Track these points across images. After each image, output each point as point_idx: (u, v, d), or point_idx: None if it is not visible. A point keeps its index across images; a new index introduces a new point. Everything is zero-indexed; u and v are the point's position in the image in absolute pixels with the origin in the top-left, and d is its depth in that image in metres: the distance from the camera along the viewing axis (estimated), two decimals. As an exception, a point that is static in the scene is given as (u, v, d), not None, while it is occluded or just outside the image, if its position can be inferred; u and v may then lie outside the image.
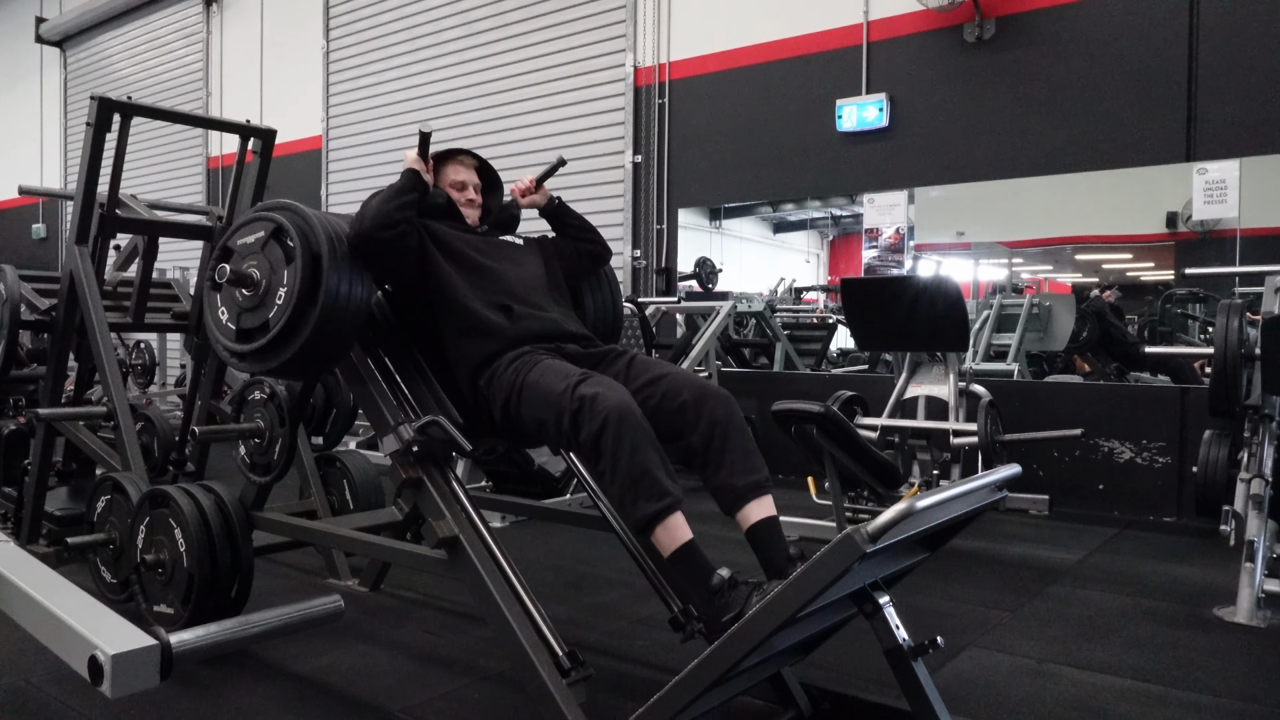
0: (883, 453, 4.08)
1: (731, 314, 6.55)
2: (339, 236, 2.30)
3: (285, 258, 2.27)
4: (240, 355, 2.35)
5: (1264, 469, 3.51)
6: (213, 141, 10.94)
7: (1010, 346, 6.55)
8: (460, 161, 2.69)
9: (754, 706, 2.33)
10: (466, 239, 2.53)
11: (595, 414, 1.98)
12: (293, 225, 2.28)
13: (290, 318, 2.23)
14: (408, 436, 2.25)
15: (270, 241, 2.31)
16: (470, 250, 2.49)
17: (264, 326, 2.29)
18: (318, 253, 2.24)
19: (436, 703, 2.47)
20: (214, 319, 2.42)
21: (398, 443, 2.26)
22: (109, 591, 3.11)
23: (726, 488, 2.07)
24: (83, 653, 1.34)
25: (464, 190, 2.65)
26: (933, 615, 3.27)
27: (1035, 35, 5.68)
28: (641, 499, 1.94)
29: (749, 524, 2.05)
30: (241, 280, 2.31)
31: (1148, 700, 2.55)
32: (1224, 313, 3.78)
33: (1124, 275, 6.98)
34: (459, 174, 2.66)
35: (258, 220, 2.38)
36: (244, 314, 2.34)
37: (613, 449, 1.96)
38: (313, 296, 2.23)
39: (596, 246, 2.76)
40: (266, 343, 2.28)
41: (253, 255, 2.34)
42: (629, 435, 1.96)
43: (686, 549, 1.96)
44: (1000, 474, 1.93)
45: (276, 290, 2.27)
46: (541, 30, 7.94)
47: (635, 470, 1.94)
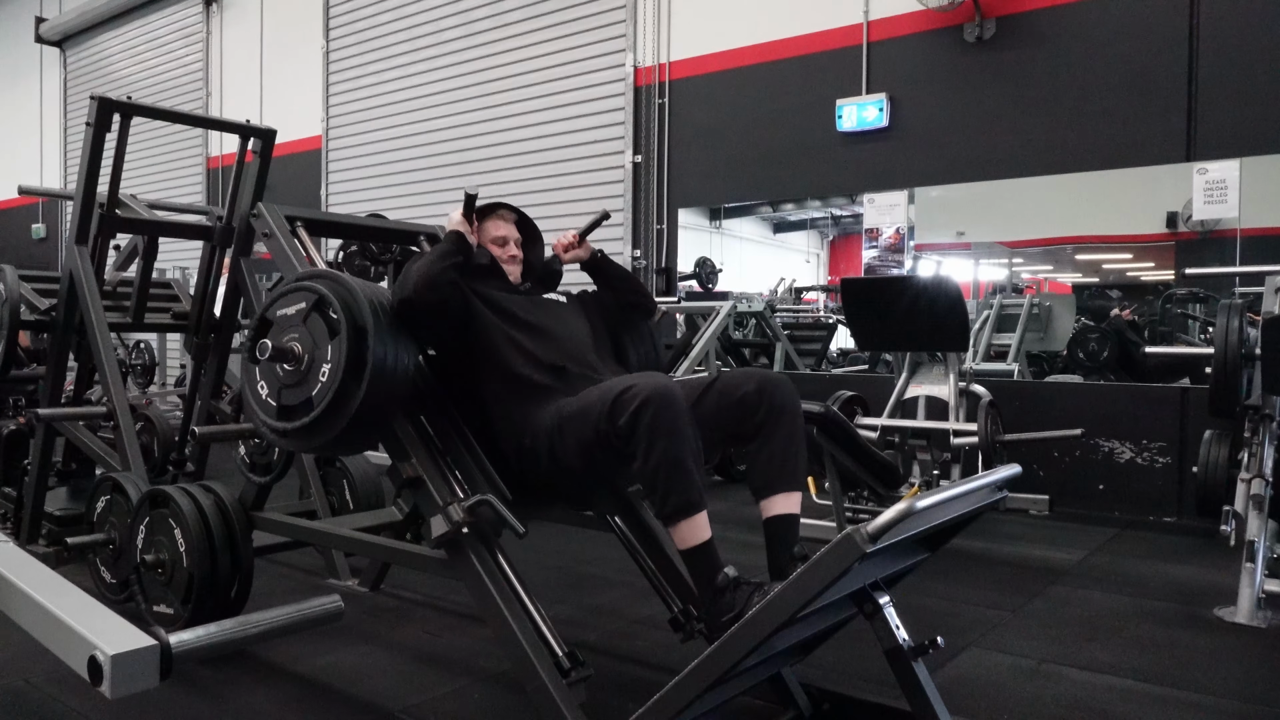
0: (883, 453, 4.08)
1: (731, 314, 6.55)
2: (383, 305, 2.20)
3: (328, 331, 2.17)
4: (283, 433, 2.24)
5: (1264, 469, 3.50)
6: (212, 141, 10.94)
7: (1010, 346, 6.55)
8: (500, 216, 2.62)
9: (754, 706, 2.33)
10: (512, 299, 2.45)
11: (634, 396, 1.97)
12: (335, 296, 2.18)
13: (335, 395, 2.12)
14: (457, 518, 2.14)
15: (312, 314, 2.21)
16: (517, 310, 2.41)
17: (307, 404, 2.18)
18: (362, 326, 2.14)
19: (436, 703, 2.47)
20: (253, 393, 2.30)
21: (446, 524, 2.15)
22: (109, 592, 3.11)
23: (764, 470, 2.09)
24: (82, 653, 1.34)
25: (505, 246, 2.58)
26: (933, 615, 3.27)
27: (1035, 35, 5.68)
28: (675, 489, 1.94)
29: (771, 514, 2.06)
30: (283, 355, 2.20)
31: (1148, 700, 2.55)
32: (1224, 313, 3.78)
33: (1124, 275, 6.98)
34: (499, 229, 2.59)
35: (298, 291, 2.27)
36: (285, 390, 2.22)
37: (649, 429, 1.93)
38: (358, 372, 2.12)
39: (642, 299, 2.70)
40: (311, 421, 2.16)
41: (293, 328, 2.23)
42: (668, 417, 1.94)
43: (705, 547, 1.97)
44: (1000, 474, 1.93)
45: (320, 366, 2.16)
46: (541, 30, 7.93)
47: (672, 457, 1.93)
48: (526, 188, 8.03)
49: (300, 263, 2.78)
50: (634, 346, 2.73)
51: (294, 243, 2.85)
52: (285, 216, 2.92)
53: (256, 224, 2.93)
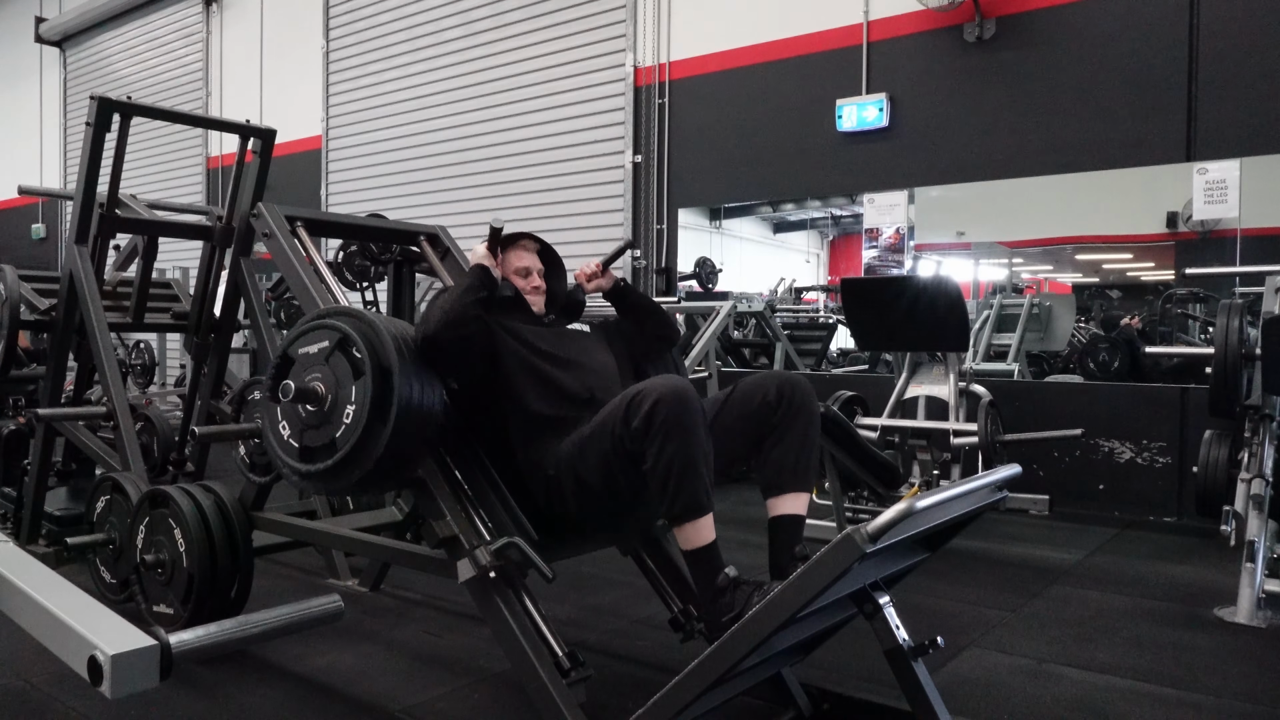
0: (883, 453, 4.07)
1: (731, 314, 6.54)
2: (407, 343, 2.15)
3: (352, 371, 2.11)
4: (305, 475, 2.18)
5: (1264, 469, 3.50)
6: (212, 141, 10.94)
7: (1010, 346, 6.55)
8: (522, 246, 2.57)
9: (754, 706, 2.33)
10: (537, 332, 2.41)
11: (646, 395, 1.96)
12: (359, 335, 2.12)
13: (360, 437, 2.05)
14: (484, 561, 2.09)
15: (335, 352, 2.15)
16: (543, 344, 2.37)
17: (330, 446, 2.11)
18: (387, 365, 2.07)
19: (436, 703, 2.47)
20: (274, 433, 2.24)
21: (473, 569, 2.10)
22: (109, 592, 3.11)
23: (776, 468, 2.09)
24: (82, 653, 1.34)
25: (528, 277, 2.53)
26: (933, 615, 3.27)
27: (1035, 35, 5.68)
28: (685, 490, 1.93)
29: (777, 512, 2.07)
30: (306, 396, 2.14)
31: (1148, 700, 2.55)
32: (1224, 313, 3.78)
33: (1124, 275, 6.98)
34: (522, 260, 2.55)
35: (320, 329, 2.21)
36: (308, 431, 2.16)
37: (662, 427, 1.93)
38: (383, 413, 2.05)
39: (667, 329, 2.67)
40: (335, 464, 2.10)
41: (316, 367, 2.17)
42: (680, 415, 1.93)
43: (709, 549, 1.97)
44: (1000, 474, 1.93)
45: (343, 407, 2.10)
46: (541, 30, 7.93)
47: (685, 457, 1.93)
48: (526, 188, 8.03)
49: (301, 265, 2.78)
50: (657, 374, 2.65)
51: (294, 243, 2.84)
52: (285, 216, 2.92)
53: (256, 224, 2.92)
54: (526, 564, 2.08)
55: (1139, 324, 6.56)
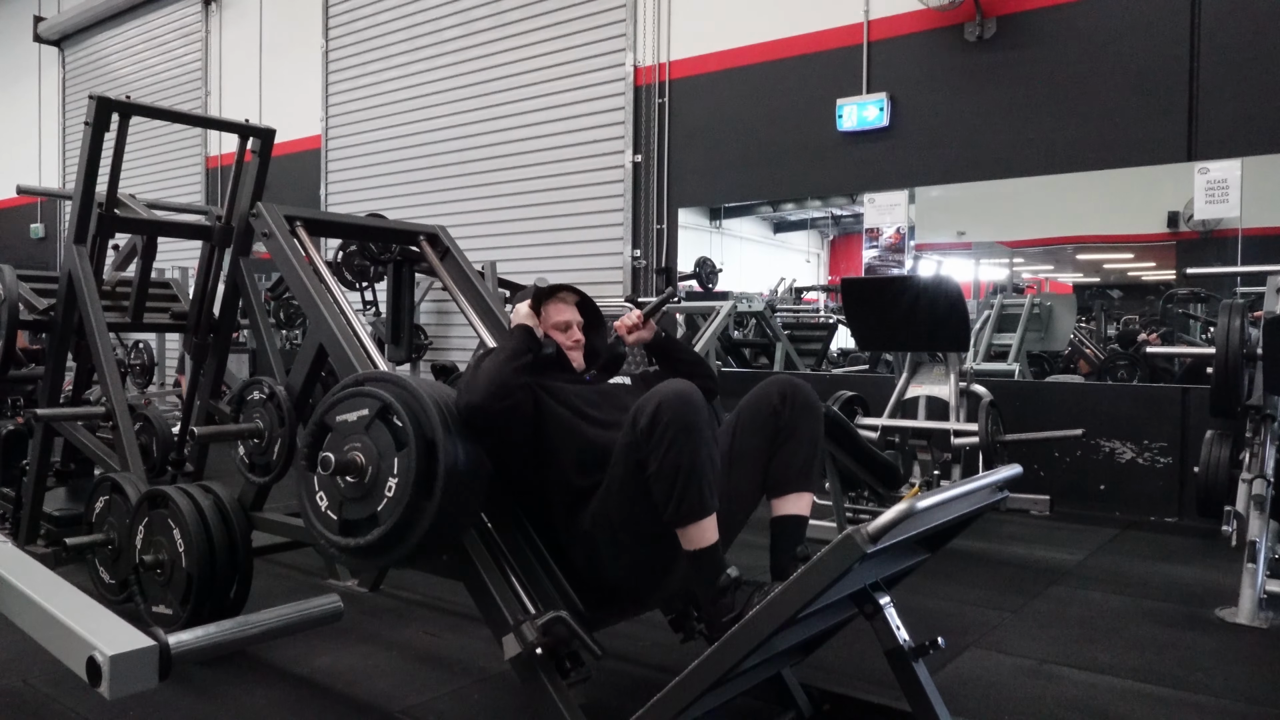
0: (883, 453, 4.07)
1: (731, 314, 6.55)
2: (450, 411, 2.07)
3: (395, 442, 2.03)
4: (346, 549, 2.09)
5: (1266, 469, 3.50)
6: (211, 141, 10.93)
7: (1011, 346, 6.55)
8: (561, 299, 2.50)
9: (754, 707, 2.33)
10: (580, 393, 2.33)
11: (651, 398, 1.96)
12: (401, 404, 2.04)
13: (405, 512, 1.98)
14: (531, 638, 1.99)
15: (375, 421, 2.07)
16: (586, 406, 2.29)
17: (372, 519, 2.04)
18: (432, 438, 2.00)
19: (436, 703, 2.46)
20: (311, 505, 2.16)
21: (519, 645, 2.00)
22: (107, 592, 3.10)
23: (782, 468, 2.10)
24: (81, 654, 1.34)
25: (568, 331, 2.46)
26: (933, 616, 3.26)
27: (1036, 35, 5.68)
28: (689, 493, 1.92)
29: (780, 513, 2.08)
30: (347, 469, 2.06)
31: (1149, 701, 2.54)
32: (1225, 312, 3.77)
33: (1125, 275, 6.98)
34: (561, 314, 2.47)
35: (359, 396, 2.13)
36: (348, 504, 2.08)
37: (668, 431, 1.91)
38: (429, 487, 1.98)
39: (709, 382, 2.58)
40: (378, 539, 2.01)
41: (355, 436, 2.09)
42: (686, 419, 1.92)
43: (711, 550, 1.96)
44: (1001, 474, 1.92)
45: (386, 479, 2.01)
46: (541, 30, 7.93)
47: (688, 460, 1.91)
48: (526, 187, 8.03)
49: (300, 265, 2.78)
50: None
51: (293, 243, 2.84)
52: (285, 216, 2.92)
53: (256, 224, 2.92)
54: (574, 639, 1.99)
55: (1158, 340, 6.48)
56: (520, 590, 2.13)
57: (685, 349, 2.67)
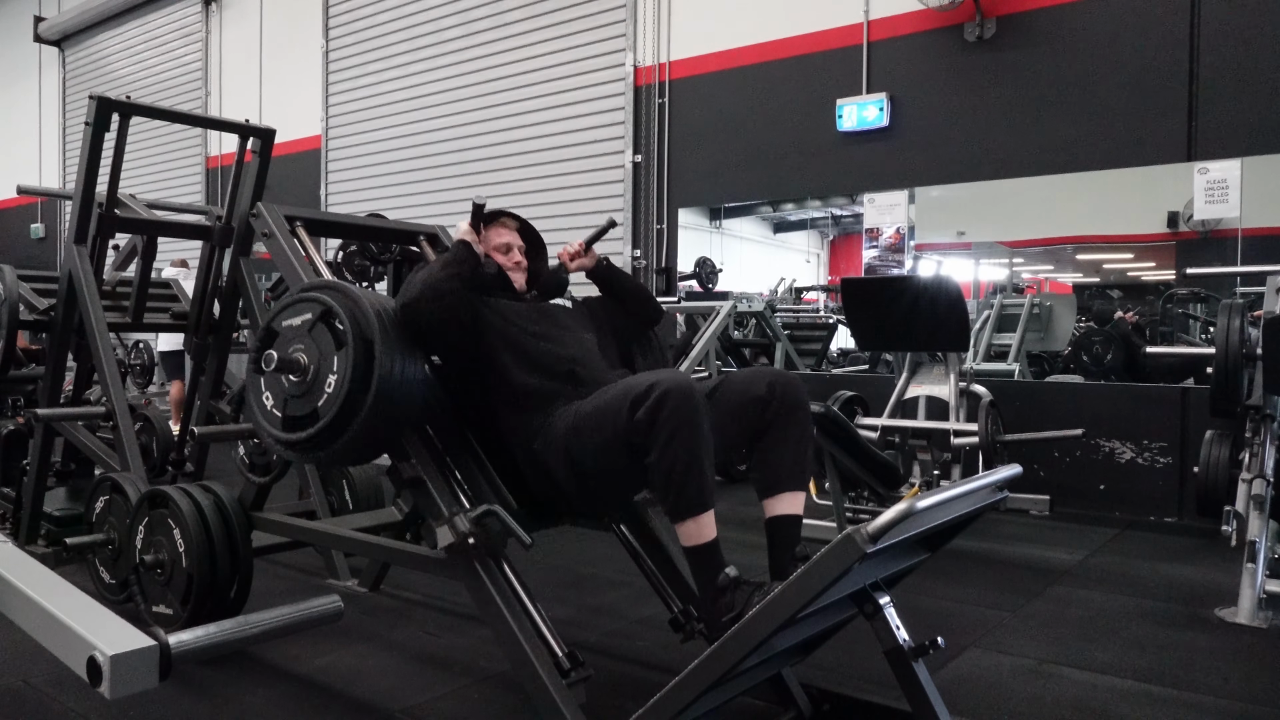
0: (883, 453, 4.07)
1: (731, 314, 6.54)
2: (389, 315, 2.19)
3: (335, 342, 2.15)
4: (288, 444, 2.22)
5: (1265, 469, 3.50)
6: (212, 141, 10.94)
7: (1011, 346, 6.55)
8: (502, 224, 2.60)
9: (754, 707, 2.33)
10: (519, 309, 2.43)
11: (654, 388, 1.96)
12: (342, 308, 2.17)
13: (342, 406, 2.10)
14: (464, 529, 2.12)
15: (318, 324, 2.19)
16: (525, 319, 2.40)
17: (313, 415, 2.16)
18: (369, 337, 2.12)
19: (436, 703, 2.46)
20: (258, 404, 2.29)
21: (452, 535, 2.13)
22: (108, 592, 3.10)
23: (773, 469, 2.09)
24: (81, 653, 1.33)
25: (509, 253, 2.56)
26: (933, 616, 3.26)
27: (1036, 35, 5.68)
28: (689, 488, 1.93)
29: (774, 513, 2.07)
30: (289, 366, 2.19)
31: (1149, 701, 2.55)
32: (1225, 312, 3.77)
33: (1125, 275, 6.98)
34: (502, 236, 2.57)
35: (303, 302, 2.26)
36: (291, 401, 2.21)
37: (669, 421, 1.92)
38: (365, 383, 2.10)
39: (650, 310, 2.69)
40: (316, 432, 2.14)
41: (299, 339, 2.22)
42: (688, 411, 1.93)
43: (710, 546, 1.97)
44: (1001, 474, 1.92)
45: (326, 377, 2.14)
46: (541, 30, 7.93)
47: (688, 455, 1.93)
48: (527, 187, 8.03)
49: (300, 264, 2.77)
50: (642, 355, 2.72)
51: (293, 243, 2.84)
52: (285, 216, 2.91)
53: (256, 224, 2.92)
54: (506, 532, 2.11)
55: (1135, 318, 6.55)
56: (456, 487, 2.25)
57: (627, 277, 2.71)
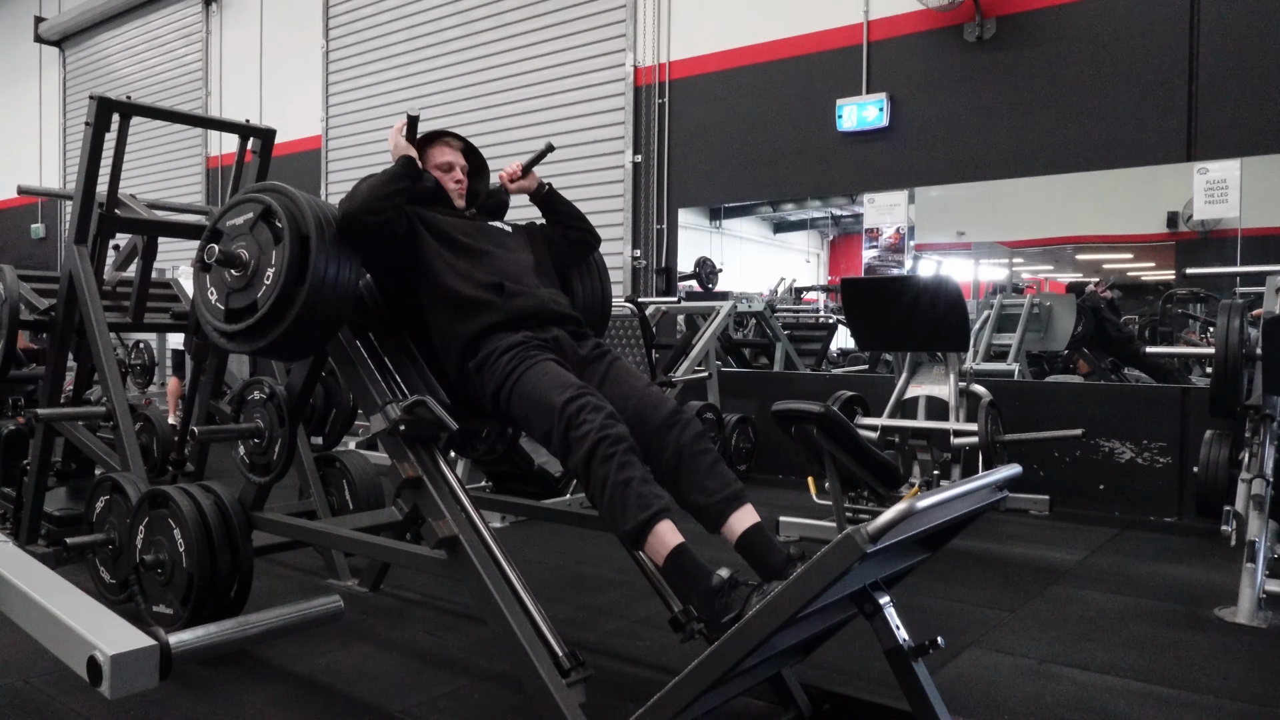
0: (883, 453, 4.07)
1: (731, 314, 6.55)
2: (327, 219, 2.33)
3: (274, 238, 2.30)
4: (228, 335, 2.38)
5: (1265, 469, 3.50)
6: (212, 141, 10.94)
7: (1011, 346, 6.55)
8: (446, 143, 2.68)
9: (754, 707, 2.33)
10: (455, 223, 2.53)
11: (583, 439, 2.01)
12: (281, 207, 2.31)
13: (279, 297, 2.26)
14: (394, 415, 2.28)
15: (259, 223, 2.34)
16: (459, 235, 2.50)
17: (252, 306, 2.32)
18: (306, 234, 2.27)
19: (436, 703, 2.47)
20: (203, 299, 2.45)
21: (385, 422, 2.30)
22: (108, 592, 3.10)
23: (705, 507, 2.08)
24: (81, 653, 1.34)
25: (450, 172, 2.65)
26: (933, 615, 3.26)
27: (1036, 35, 5.68)
28: (628, 514, 1.94)
29: (736, 535, 2.04)
30: (230, 261, 2.34)
31: (1148, 701, 2.55)
32: (1225, 312, 3.78)
33: (1124, 275, 6.98)
34: (445, 155, 2.65)
35: (246, 202, 2.40)
36: (233, 294, 2.37)
37: (600, 473, 1.98)
38: (301, 277, 2.25)
39: (586, 234, 2.77)
40: (255, 322, 2.30)
41: (241, 236, 2.37)
42: (615, 458, 1.98)
43: (676, 554, 1.94)
44: (1001, 474, 1.92)
45: (265, 271, 2.30)
46: (541, 30, 7.93)
47: (618, 488, 1.96)
48: (526, 187, 8.02)
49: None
50: (581, 283, 2.82)
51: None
52: (285, 215, 2.92)
53: (256, 223, 2.93)
54: (437, 424, 2.26)
55: (1106, 292, 6.54)
56: (393, 383, 2.43)
57: (567, 203, 2.77)
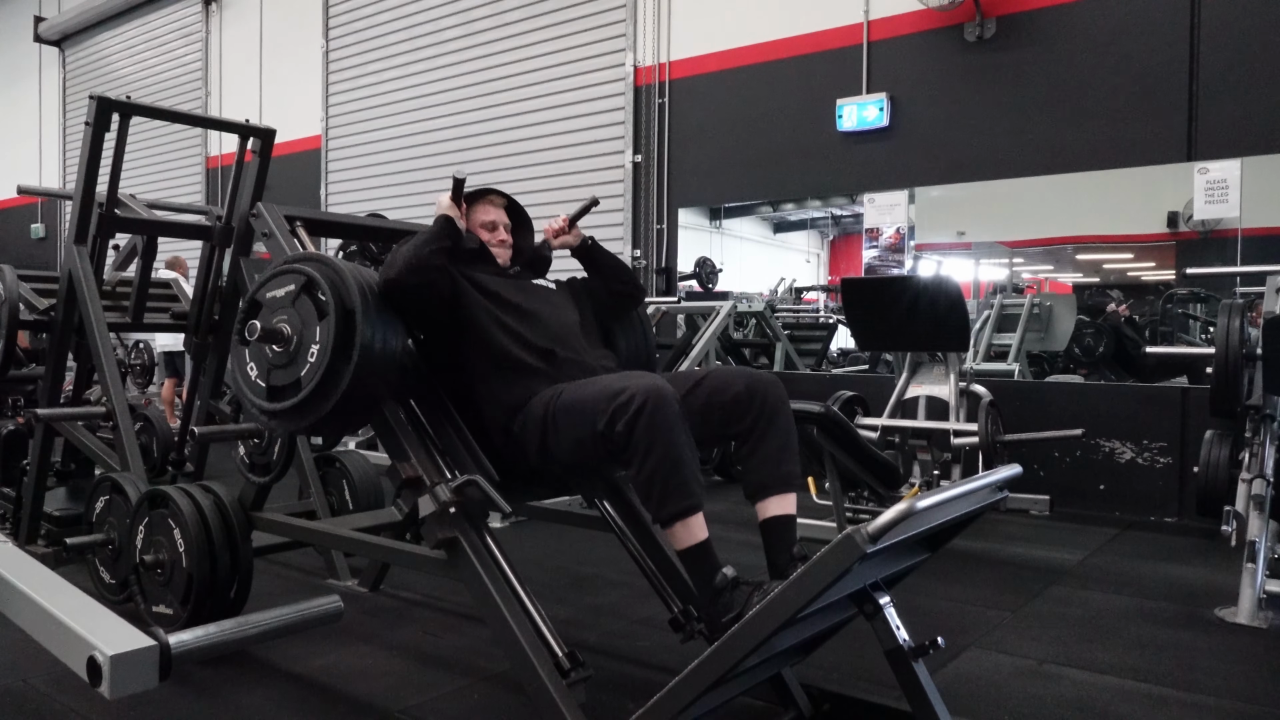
0: (883, 453, 4.07)
1: (731, 314, 6.55)
2: (371, 288, 2.22)
3: (317, 312, 2.19)
4: (272, 414, 2.25)
5: (1265, 469, 3.50)
6: (212, 141, 10.94)
7: (1011, 346, 6.55)
8: (489, 201, 2.62)
9: (754, 707, 2.33)
10: (500, 282, 2.44)
11: (630, 400, 1.97)
12: (324, 279, 2.20)
13: (324, 375, 2.14)
14: (445, 498, 2.15)
15: (301, 295, 2.22)
16: (505, 293, 2.41)
17: (296, 384, 2.19)
18: (351, 308, 2.15)
19: (436, 703, 2.46)
20: (243, 375, 2.32)
21: (434, 504, 2.16)
22: (108, 592, 3.10)
23: (758, 473, 2.09)
24: (81, 653, 1.34)
25: (494, 231, 2.57)
26: (933, 615, 3.26)
27: (1036, 35, 5.68)
28: (672, 494, 1.94)
29: (766, 516, 2.06)
30: (272, 336, 2.22)
31: (1148, 701, 2.55)
32: (1225, 312, 3.77)
33: (1125, 275, 6.99)
34: (488, 214, 2.59)
35: (287, 273, 2.28)
36: (274, 371, 2.24)
37: (647, 436, 1.94)
38: (346, 353, 2.13)
39: (631, 288, 2.68)
40: (299, 401, 2.18)
41: (283, 310, 2.25)
42: (664, 423, 1.94)
43: (701, 547, 1.97)
44: (1001, 474, 1.92)
45: (308, 346, 2.18)
46: (541, 30, 7.93)
47: (668, 463, 1.93)
48: (526, 187, 8.01)
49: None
50: (624, 335, 2.75)
51: (293, 242, 2.84)
52: (285, 216, 2.92)
53: (256, 224, 2.92)
54: (488, 503, 2.15)
55: (1126, 312, 6.55)
56: (438, 457, 2.29)
57: (610, 256, 2.70)
